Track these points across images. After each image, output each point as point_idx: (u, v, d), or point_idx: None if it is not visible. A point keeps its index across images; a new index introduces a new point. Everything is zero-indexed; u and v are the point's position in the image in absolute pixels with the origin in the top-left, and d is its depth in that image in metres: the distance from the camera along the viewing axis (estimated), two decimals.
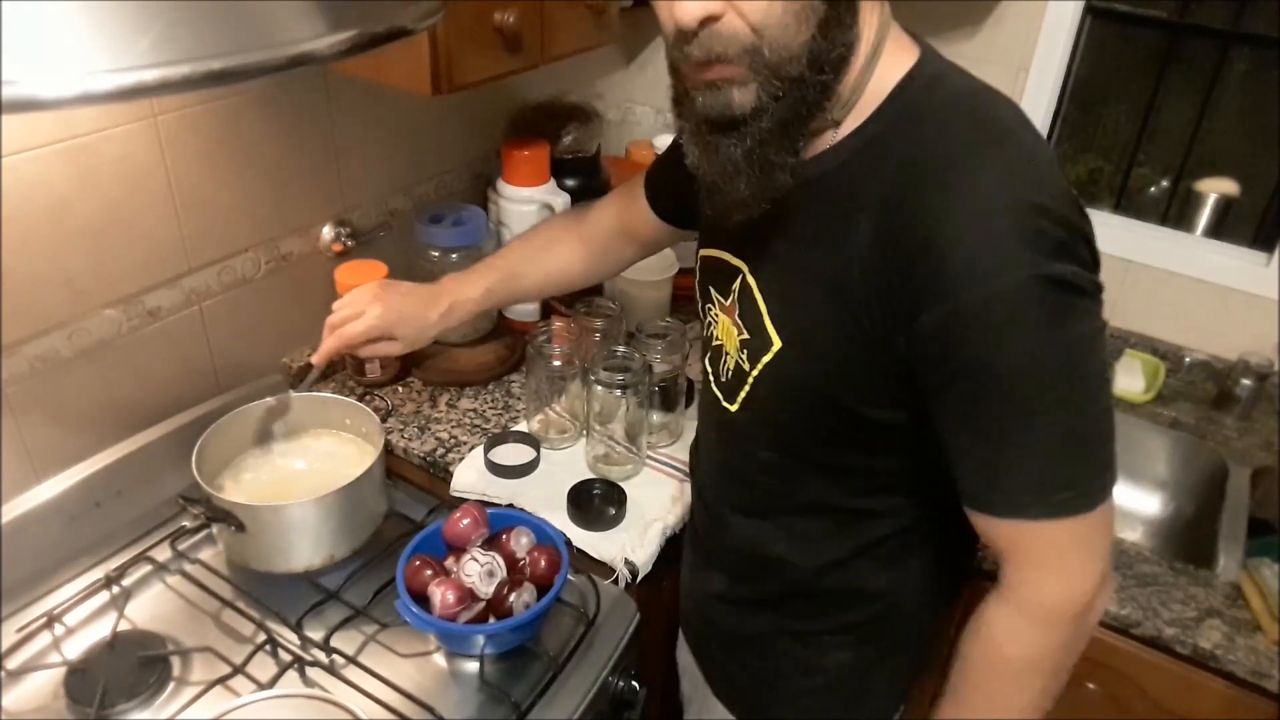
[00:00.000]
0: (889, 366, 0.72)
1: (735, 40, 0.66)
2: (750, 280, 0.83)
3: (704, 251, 0.92)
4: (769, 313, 0.81)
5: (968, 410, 0.70)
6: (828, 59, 0.68)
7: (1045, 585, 0.74)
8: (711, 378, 0.93)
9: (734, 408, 0.88)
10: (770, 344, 0.80)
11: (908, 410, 0.74)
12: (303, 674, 1.00)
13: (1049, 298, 0.64)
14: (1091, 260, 0.68)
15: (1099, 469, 0.70)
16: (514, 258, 1.17)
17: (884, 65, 0.72)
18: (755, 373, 0.83)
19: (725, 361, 0.88)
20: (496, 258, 1.17)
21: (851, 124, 0.73)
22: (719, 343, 0.90)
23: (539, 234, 1.20)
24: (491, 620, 0.98)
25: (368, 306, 1.08)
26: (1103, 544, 0.74)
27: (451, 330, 1.48)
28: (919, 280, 0.66)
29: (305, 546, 1.08)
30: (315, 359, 1.10)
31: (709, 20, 0.66)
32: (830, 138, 0.74)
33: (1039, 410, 0.67)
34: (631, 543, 1.15)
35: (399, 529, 1.17)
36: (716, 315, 0.90)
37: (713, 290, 0.90)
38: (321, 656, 1.01)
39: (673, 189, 0.82)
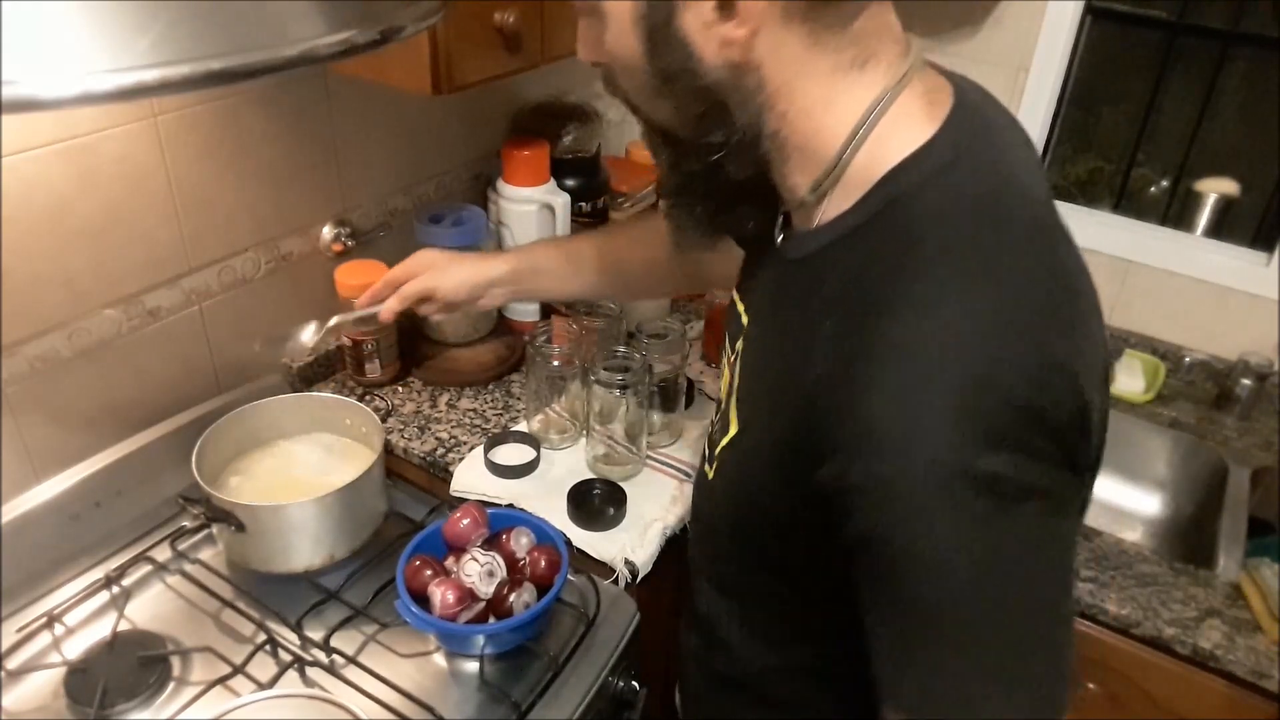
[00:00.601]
0: (797, 495, 0.61)
1: (619, 90, 0.67)
2: (739, 346, 0.75)
3: (735, 291, 0.84)
4: (737, 389, 0.73)
5: (870, 585, 0.58)
6: (703, 151, 0.63)
7: None
8: (708, 430, 0.85)
9: (710, 474, 0.80)
10: (729, 425, 0.73)
11: (821, 549, 0.61)
12: (303, 674, 1.00)
13: (970, 492, 0.51)
14: (1060, 453, 0.53)
15: (1029, 698, 0.55)
16: (575, 247, 1.14)
17: (883, 139, 0.59)
18: (719, 449, 0.76)
19: (718, 420, 0.80)
20: (553, 241, 1.16)
21: (839, 205, 0.61)
22: (720, 396, 0.82)
23: (618, 229, 1.17)
24: (491, 620, 0.98)
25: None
26: None
27: (452, 330, 1.49)
28: (828, 422, 0.56)
29: (305, 546, 1.08)
30: (359, 301, 1.11)
31: (597, 63, 0.66)
32: (817, 215, 0.63)
33: (946, 620, 0.54)
34: (631, 543, 1.15)
35: (399, 529, 1.17)
36: (724, 368, 0.82)
37: (728, 339, 0.82)
38: (321, 656, 1.01)
39: None
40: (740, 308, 0.79)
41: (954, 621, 0.54)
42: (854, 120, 0.59)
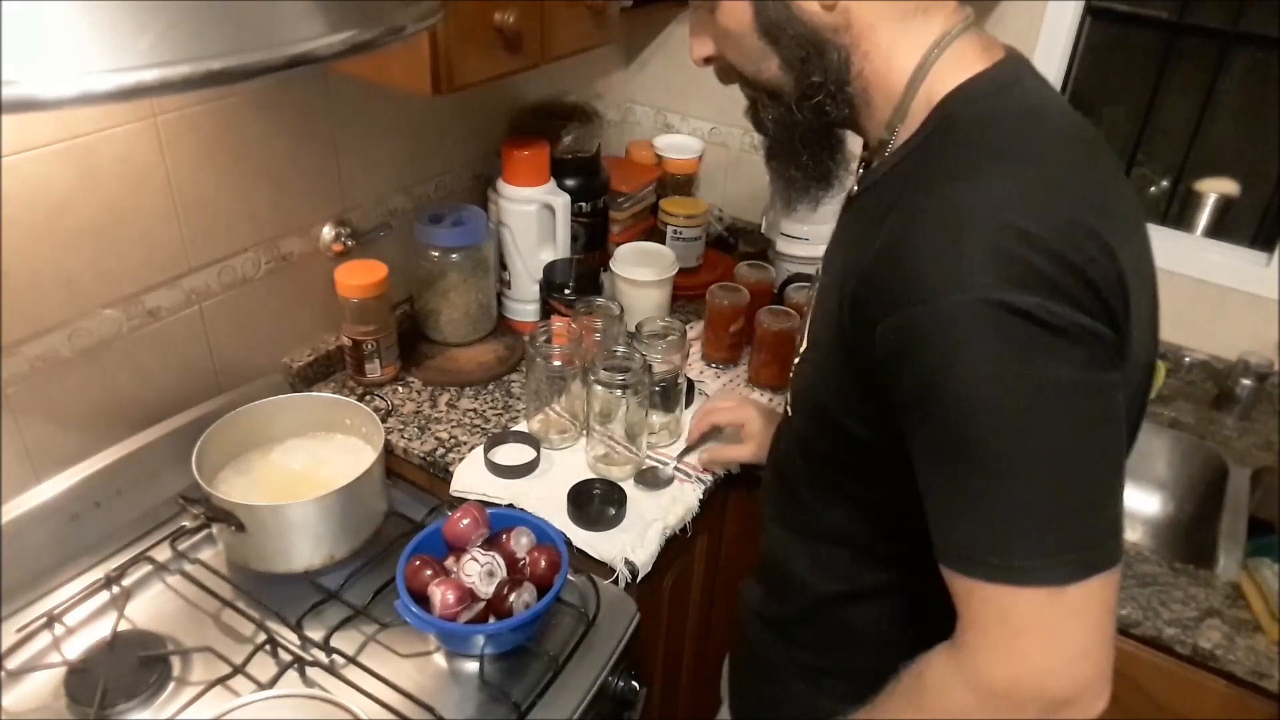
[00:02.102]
0: (858, 376, 0.69)
1: (732, 74, 0.79)
2: (814, 292, 0.85)
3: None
4: (811, 317, 0.82)
5: (923, 439, 0.64)
6: (807, 94, 0.73)
7: (992, 660, 0.63)
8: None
9: (789, 411, 0.89)
10: (801, 348, 0.83)
11: (883, 432, 0.69)
12: (303, 674, 1.00)
13: (1007, 327, 0.57)
14: (1097, 305, 0.59)
15: (1074, 540, 0.60)
16: None
17: (938, 79, 0.70)
18: (794, 376, 0.85)
19: (796, 364, 0.89)
20: None
21: (904, 136, 0.72)
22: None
23: None
24: (491, 620, 0.98)
25: (736, 402, 1.21)
26: (1082, 635, 0.61)
27: (452, 330, 1.49)
28: (883, 285, 0.64)
29: (305, 546, 1.08)
30: (690, 439, 1.27)
31: (710, 60, 0.79)
32: (884, 151, 0.74)
33: (992, 455, 0.59)
34: (631, 543, 1.15)
35: (399, 529, 1.17)
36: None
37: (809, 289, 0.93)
38: (321, 656, 1.01)
39: None
40: (821, 258, 0.87)
41: (997, 459, 0.59)
42: (918, 58, 0.70)
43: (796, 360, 0.87)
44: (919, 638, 0.77)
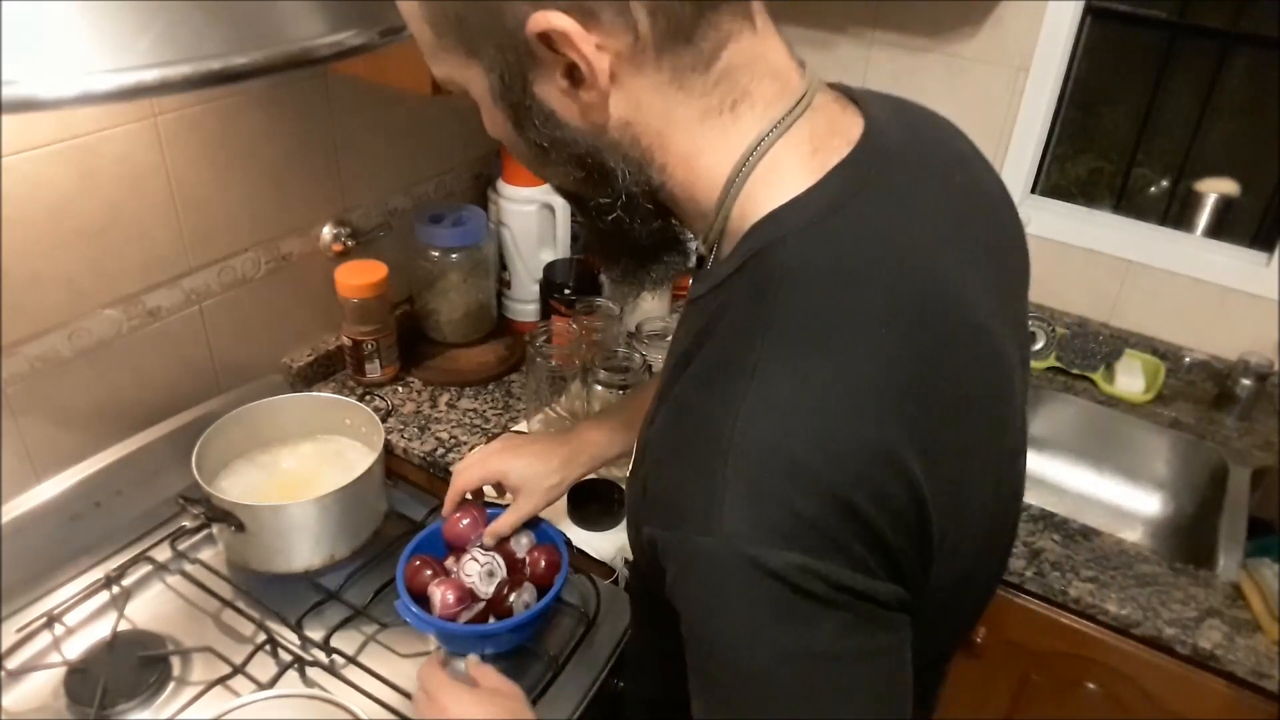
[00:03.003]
0: (645, 543, 0.57)
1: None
2: None
3: None
4: (641, 431, 0.67)
5: (686, 643, 0.54)
6: (600, 210, 0.60)
7: None
8: None
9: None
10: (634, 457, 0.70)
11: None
12: (303, 674, 1.00)
13: (757, 588, 0.47)
14: (877, 558, 0.49)
15: None
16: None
17: (758, 189, 0.55)
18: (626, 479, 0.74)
19: None
20: (611, 416, 1.05)
21: (723, 254, 0.59)
22: None
23: None
24: (491, 620, 0.98)
25: (486, 454, 1.03)
26: None
27: (452, 330, 1.48)
28: (648, 481, 0.54)
29: (305, 546, 1.08)
30: (444, 511, 1.05)
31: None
32: (710, 261, 0.61)
33: (738, 712, 0.52)
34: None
35: (399, 529, 1.17)
36: None
37: None
38: (321, 656, 1.01)
39: None
40: None
41: (747, 713, 0.52)
42: (729, 169, 0.56)
43: (631, 465, 0.75)
44: None
